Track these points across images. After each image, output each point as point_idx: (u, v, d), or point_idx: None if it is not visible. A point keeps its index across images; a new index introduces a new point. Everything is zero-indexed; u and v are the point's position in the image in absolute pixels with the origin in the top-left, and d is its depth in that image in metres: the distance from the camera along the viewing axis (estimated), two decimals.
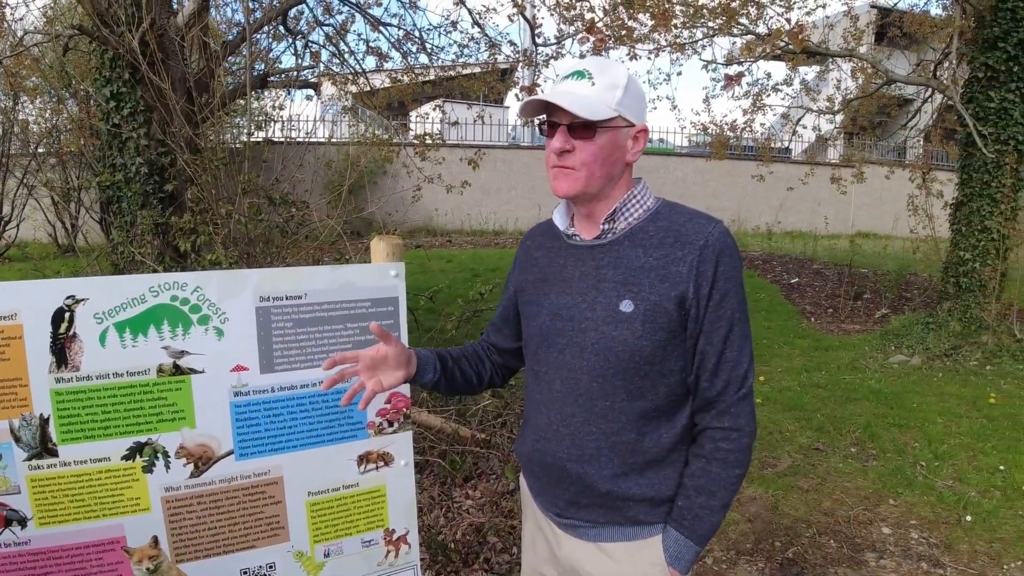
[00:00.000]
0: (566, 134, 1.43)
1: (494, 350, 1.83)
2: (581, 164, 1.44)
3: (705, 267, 1.41)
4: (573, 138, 1.43)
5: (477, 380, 1.77)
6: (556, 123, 1.44)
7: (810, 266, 12.80)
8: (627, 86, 1.44)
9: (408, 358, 1.58)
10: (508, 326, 1.78)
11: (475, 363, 1.78)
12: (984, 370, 6.86)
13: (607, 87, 1.42)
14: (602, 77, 1.44)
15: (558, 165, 1.46)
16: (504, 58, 8.91)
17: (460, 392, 1.77)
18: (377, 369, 1.53)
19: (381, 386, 1.52)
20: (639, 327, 1.42)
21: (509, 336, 1.78)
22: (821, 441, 5.06)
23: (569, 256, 1.57)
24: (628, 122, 1.45)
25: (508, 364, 1.84)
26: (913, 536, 3.79)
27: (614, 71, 1.46)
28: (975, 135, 7.56)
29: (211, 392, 1.69)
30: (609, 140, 1.44)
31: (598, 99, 1.41)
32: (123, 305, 1.63)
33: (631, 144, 1.48)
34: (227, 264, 3.80)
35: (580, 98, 1.41)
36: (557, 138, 1.44)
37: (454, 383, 1.70)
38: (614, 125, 1.43)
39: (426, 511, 3.48)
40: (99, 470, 1.69)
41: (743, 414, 1.46)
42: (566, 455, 1.51)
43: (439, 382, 1.65)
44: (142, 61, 4.24)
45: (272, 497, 1.78)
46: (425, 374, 1.63)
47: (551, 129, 1.46)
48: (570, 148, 1.44)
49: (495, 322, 1.82)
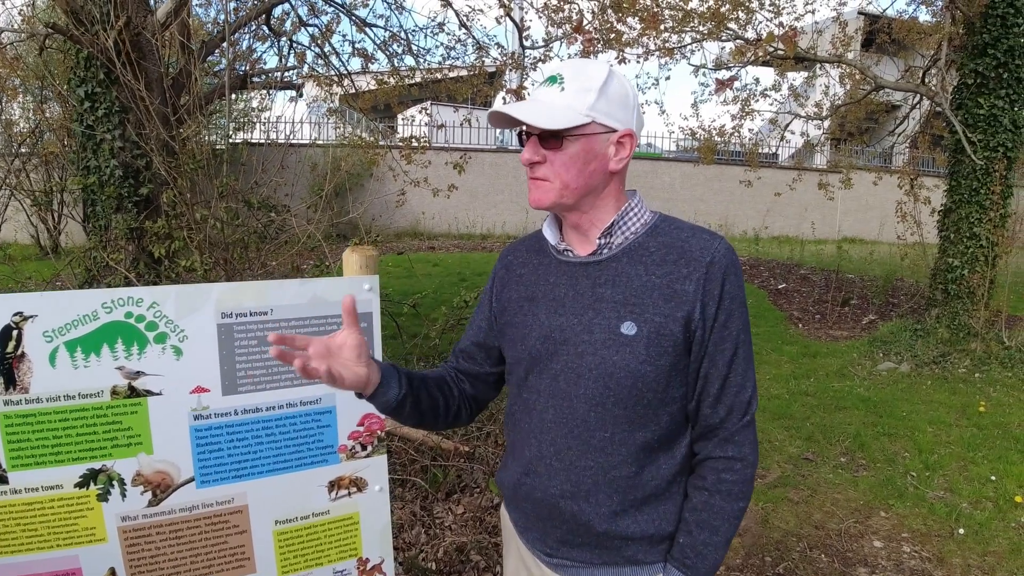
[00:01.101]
0: (536, 144, 1.34)
1: (464, 378, 1.62)
2: (553, 175, 1.34)
3: (712, 285, 1.31)
4: (543, 148, 1.33)
5: (444, 408, 1.53)
6: (530, 132, 1.35)
7: (797, 271, 12.77)
8: (604, 88, 1.32)
9: (369, 360, 1.36)
10: (482, 351, 1.60)
11: (443, 389, 1.55)
12: (973, 377, 6.82)
13: (578, 91, 1.31)
14: (574, 81, 1.32)
15: (532, 177, 1.37)
16: (491, 61, 8.81)
17: (424, 421, 1.52)
18: (334, 360, 1.30)
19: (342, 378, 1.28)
20: (643, 351, 1.31)
21: (484, 361, 1.61)
22: (811, 451, 4.99)
23: (561, 273, 1.44)
24: (607, 127, 1.33)
25: (479, 395, 1.64)
26: (905, 550, 3.71)
27: (588, 72, 1.34)
28: (964, 142, 7.53)
29: (169, 415, 1.58)
30: (582, 149, 1.32)
31: (565, 106, 1.30)
32: (74, 322, 1.51)
33: (613, 151, 1.36)
34: (202, 271, 3.68)
35: (543, 107, 1.31)
36: (527, 148, 1.35)
37: (419, 406, 1.46)
38: (587, 132, 1.31)
39: (407, 527, 3.37)
40: (51, 498, 1.58)
41: (747, 442, 1.36)
42: (559, 491, 1.39)
43: (404, 401, 1.41)
44: (117, 60, 4.12)
45: (237, 526, 1.67)
46: (389, 389, 1.38)
47: (526, 139, 1.36)
48: (540, 159, 1.34)
49: (465, 347, 1.63)
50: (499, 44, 9.55)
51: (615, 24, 7.96)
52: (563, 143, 1.31)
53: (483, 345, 1.61)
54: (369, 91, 9.30)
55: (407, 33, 8.55)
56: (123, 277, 3.86)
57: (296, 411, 1.66)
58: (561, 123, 1.29)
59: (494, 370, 1.61)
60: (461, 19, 8.15)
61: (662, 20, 8.11)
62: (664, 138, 22.08)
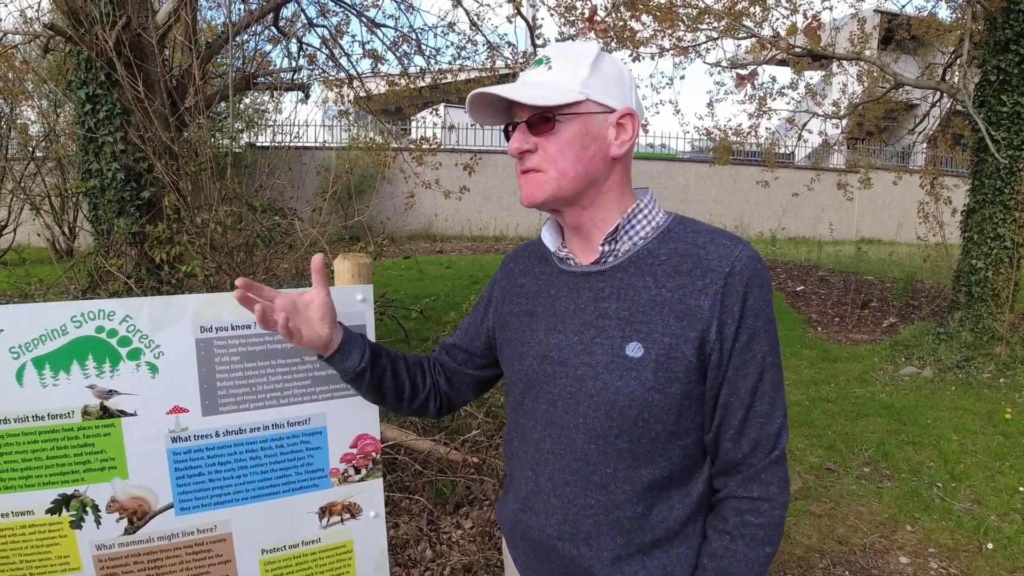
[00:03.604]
0: (525, 132, 1.19)
1: (441, 372, 1.53)
2: (548, 163, 1.18)
3: (731, 300, 1.14)
4: (533, 135, 1.18)
5: (409, 393, 1.46)
6: (517, 122, 1.20)
7: (815, 273, 12.57)
8: (595, 64, 1.18)
9: (334, 323, 1.31)
10: (463, 353, 1.49)
11: (413, 374, 1.47)
12: (998, 383, 6.62)
13: (567, 67, 1.17)
14: (563, 60, 1.19)
15: (523, 170, 1.21)
16: (503, 61, 8.69)
17: (384, 400, 1.45)
18: (297, 316, 1.27)
19: (300, 337, 1.26)
20: (650, 376, 1.14)
21: (464, 363, 1.50)
22: (833, 460, 4.83)
23: (562, 284, 1.29)
24: (603, 106, 1.18)
25: (453, 395, 1.54)
26: (932, 566, 3.56)
27: (577, 50, 1.20)
28: (988, 140, 7.33)
29: (145, 437, 1.46)
30: (579, 130, 1.17)
31: (554, 83, 1.16)
32: (42, 337, 1.40)
33: (614, 133, 1.20)
34: (203, 276, 3.58)
35: (529, 85, 1.17)
36: (514, 137, 1.19)
37: (380, 383, 1.40)
38: (582, 111, 1.16)
39: (412, 543, 3.24)
40: (22, 524, 1.47)
41: (775, 481, 1.18)
42: (556, 532, 1.24)
43: (363, 374, 1.36)
44: (118, 62, 4.03)
45: (220, 556, 1.55)
46: (348, 357, 1.33)
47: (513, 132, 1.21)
48: (530, 147, 1.18)
49: (450, 344, 1.52)
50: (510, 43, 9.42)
51: (628, 21, 7.82)
52: (555, 125, 1.16)
53: (464, 349, 1.49)
54: (380, 93, 9.21)
55: (417, 33, 8.45)
56: (123, 283, 3.77)
57: (283, 432, 1.54)
58: (550, 100, 1.14)
59: (471, 372, 1.50)
60: (471, 18, 8.04)
61: (676, 18, 7.96)
62: (679, 138, 21.93)
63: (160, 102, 4.23)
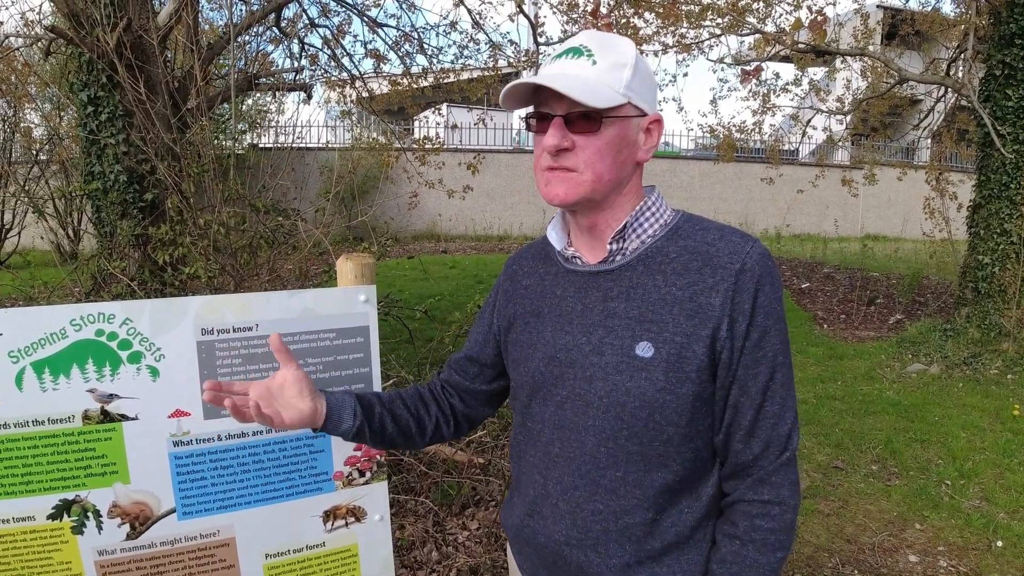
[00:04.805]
0: (563, 127, 1.12)
1: (453, 392, 1.48)
2: (585, 165, 1.12)
3: (742, 298, 1.11)
4: (572, 132, 1.12)
5: (417, 429, 1.40)
6: (548, 114, 1.14)
7: (820, 270, 12.51)
8: (636, 65, 1.14)
9: (314, 393, 1.27)
10: (475, 365, 1.44)
11: (414, 407, 1.41)
12: (1005, 379, 6.57)
13: (612, 66, 1.12)
14: (605, 54, 1.13)
15: (554, 167, 1.14)
16: (505, 60, 8.67)
17: (394, 445, 1.41)
18: (276, 400, 1.23)
19: (282, 420, 1.22)
20: (660, 377, 1.12)
21: (476, 378, 1.44)
22: (840, 459, 4.80)
23: (569, 284, 1.25)
24: (639, 110, 1.14)
25: (472, 412, 1.49)
26: (942, 564, 3.53)
27: (619, 46, 1.15)
28: (993, 135, 7.27)
29: (146, 442, 1.44)
30: (618, 134, 1.13)
31: (601, 81, 1.11)
32: (41, 341, 1.38)
33: (643, 139, 1.17)
34: (206, 278, 3.56)
35: (580, 80, 1.11)
36: (552, 133, 1.12)
37: (383, 433, 1.35)
38: (623, 114, 1.13)
39: (418, 545, 3.23)
40: (23, 530, 1.46)
41: (786, 484, 1.15)
42: (563, 538, 1.21)
43: (361, 431, 1.31)
44: (119, 64, 4.01)
45: (223, 561, 1.54)
46: (341, 421, 1.29)
47: (541, 123, 1.15)
48: (568, 145, 1.12)
49: (460, 359, 1.47)
50: (513, 42, 9.40)
51: (631, 19, 7.79)
52: (601, 126, 1.11)
53: (476, 360, 1.44)
54: (382, 93, 9.20)
55: (419, 32, 8.43)
56: (125, 286, 3.75)
57: (286, 435, 1.52)
58: (605, 101, 1.09)
59: (486, 388, 1.45)
60: (473, 17, 8.01)
61: (680, 14, 7.93)
62: (682, 136, 21.88)
63: (162, 104, 4.21)
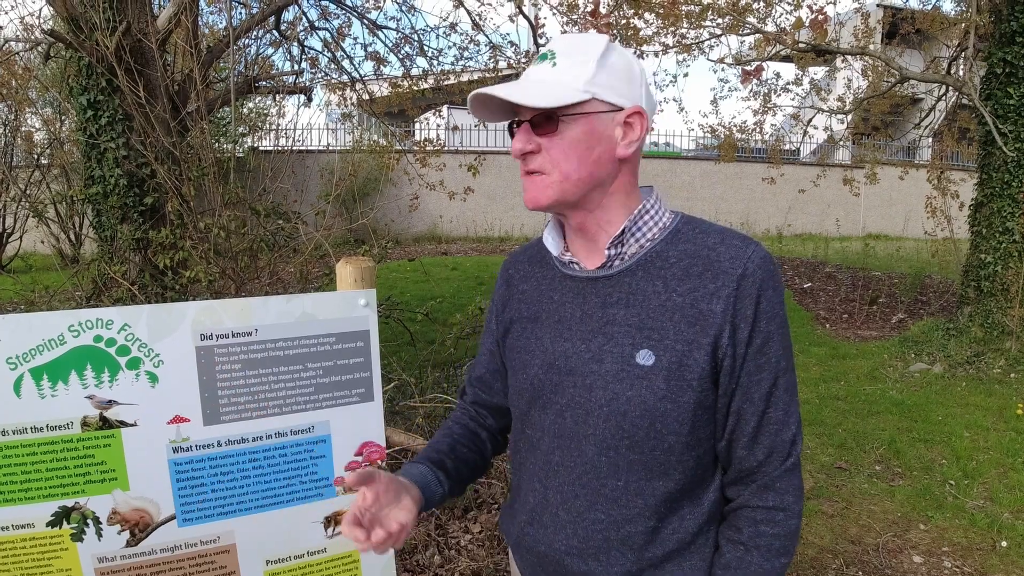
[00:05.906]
0: (529, 131, 1.13)
1: (487, 413, 1.46)
2: (552, 165, 1.12)
3: (744, 304, 1.09)
4: (537, 135, 1.13)
5: (481, 462, 1.43)
6: (521, 120, 1.15)
7: (822, 270, 12.50)
8: (602, 59, 1.11)
9: (402, 486, 1.19)
10: (499, 379, 1.41)
11: (472, 446, 1.41)
12: (1008, 378, 6.56)
13: (573, 64, 1.11)
14: (567, 56, 1.12)
15: (527, 171, 1.15)
16: (506, 61, 8.66)
17: (473, 479, 1.43)
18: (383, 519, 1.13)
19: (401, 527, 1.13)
20: (662, 385, 1.10)
21: (502, 391, 1.41)
22: (844, 459, 4.78)
23: (566, 290, 1.23)
24: (610, 105, 1.12)
25: (506, 426, 1.48)
26: (946, 565, 3.51)
27: (584, 44, 1.14)
28: (995, 133, 7.25)
29: (146, 448, 1.43)
30: (584, 131, 1.11)
31: (558, 82, 1.10)
32: (39, 347, 1.37)
33: (621, 133, 1.14)
34: (206, 281, 3.55)
35: (533, 84, 1.11)
36: (518, 137, 1.13)
37: (462, 482, 1.36)
38: (586, 111, 1.11)
39: (420, 548, 3.22)
40: (22, 537, 1.45)
41: (790, 490, 1.14)
42: (564, 547, 1.19)
43: (453, 491, 1.33)
44: (118, 67, 4.01)
45: (224, 567, 1.53)
46: (433, 496, 1.27)
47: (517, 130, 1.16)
48: (533, 148, 1.13)
49: (482, 377, 1.44)
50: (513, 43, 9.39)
51: (631, 20, 7.79)
52: (559, 126, 1.11)
53: (498, 373, 1.41)
54: (382, 96, 9.20)
55: (419, 34, 8.43)
56: (126, 290, 3.75)
57: (286, 441, 1.51)
58: (554, 100, 1.08)
59: None
60: (473, 18, 8.01)
61: (680, 14, 7.92)
62: (683, 136, 21.88)
63: (162, 107, 4.20)
